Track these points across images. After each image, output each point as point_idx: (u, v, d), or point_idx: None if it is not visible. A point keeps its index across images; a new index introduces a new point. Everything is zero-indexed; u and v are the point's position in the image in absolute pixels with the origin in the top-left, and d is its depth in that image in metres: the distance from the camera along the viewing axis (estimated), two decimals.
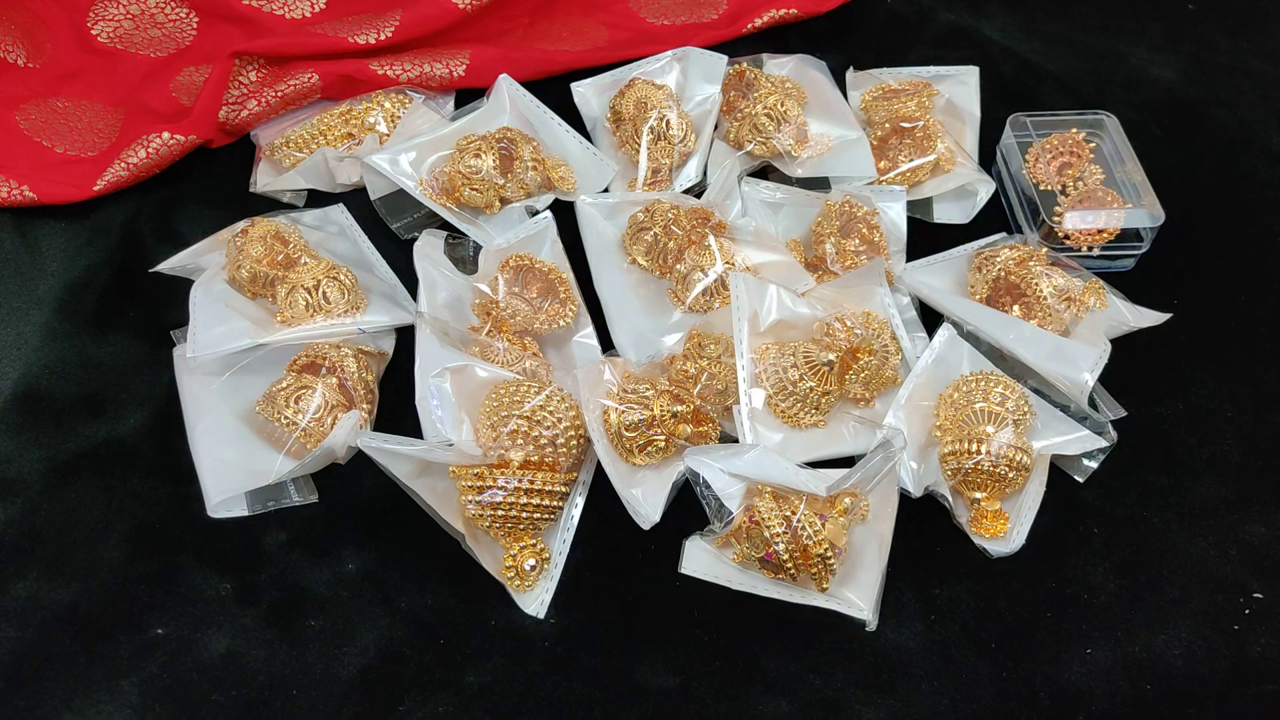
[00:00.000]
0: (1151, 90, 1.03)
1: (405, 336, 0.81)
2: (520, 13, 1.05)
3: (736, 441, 0.73)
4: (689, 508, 0.72)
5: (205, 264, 0.83)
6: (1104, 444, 0.74)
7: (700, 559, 0.70)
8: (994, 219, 0.91)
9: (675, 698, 0.65)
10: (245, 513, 0.72)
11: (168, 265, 0.84)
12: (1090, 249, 0.85)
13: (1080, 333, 0.79)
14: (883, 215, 0.85)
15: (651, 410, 0.70)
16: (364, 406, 0.75)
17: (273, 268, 0.78)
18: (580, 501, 0.72)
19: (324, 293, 0.77)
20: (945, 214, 0.91)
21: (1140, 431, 0.77)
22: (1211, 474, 0.76)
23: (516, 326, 0.78)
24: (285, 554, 0.71)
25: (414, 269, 0.80)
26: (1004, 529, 0.71)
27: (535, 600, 0.68)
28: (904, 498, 0.72)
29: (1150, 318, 0.81)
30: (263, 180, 0.91)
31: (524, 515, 0.68)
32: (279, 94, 0.92)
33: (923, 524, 0.72)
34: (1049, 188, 0.87)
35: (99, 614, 0.67)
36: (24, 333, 0.82)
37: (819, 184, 0.89)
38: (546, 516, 0.69)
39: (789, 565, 0.66)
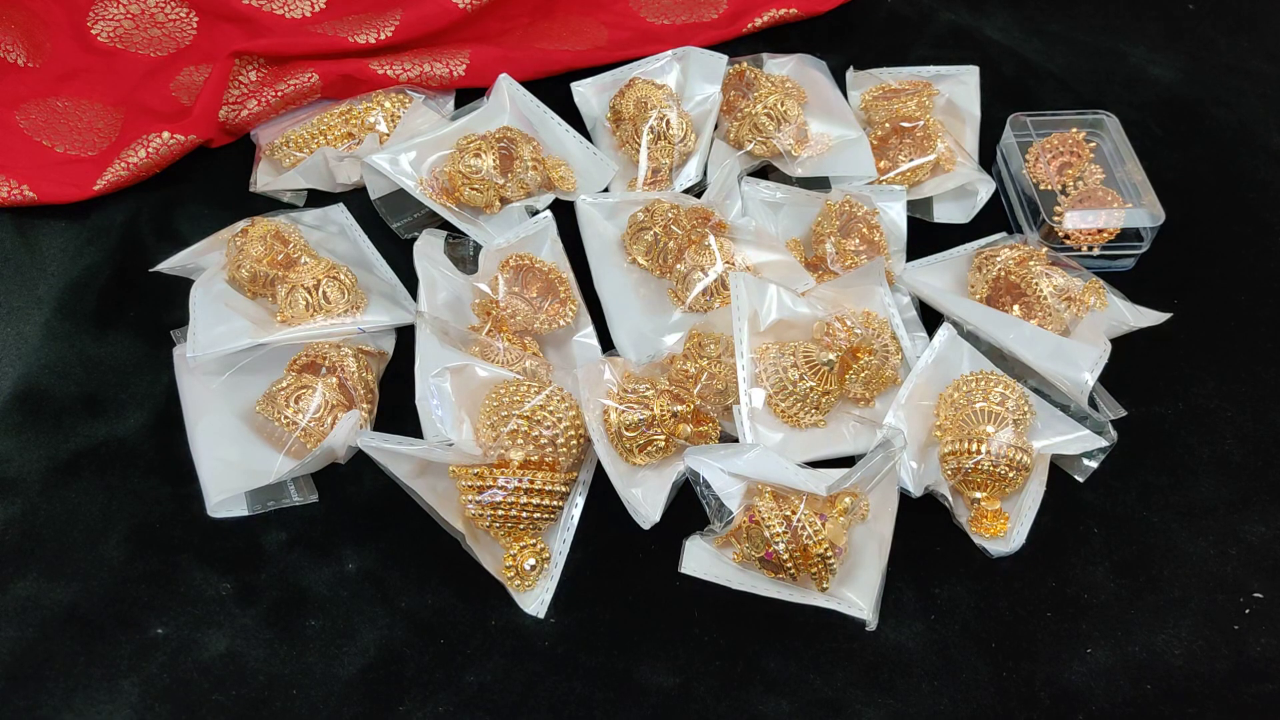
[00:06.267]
0: (1151, 90, 1.03)
1: (405, 336, 0.81)
2: (520, 13, 1.05)
3: (736, 441, 0.73)
4: (689, 508, 0.72)
5: (205, 264, 0.83)
6: (1104, 444, 0.74)
7: (700, 559, 0.70)
8: (994, 219, 0.91)
9: (675, 698, 0.65)
10: (245, 513, 0.72)
11: (168, 265, 0.84)
12: (1090, 249, 0.85)
13: (1080, 333, 0.79)
14: (883, 215, 0.85)
15: (651, 410, 0.70)
16: (364, 406, 0.75)
17: (273, 267, 0.78)
18: (580, 501, 0.72)
19: (324, 292, 0.77)
20: (945, 214, 0.91)
21: (1140, 431, 0.77)
22: (1211, 474, 0.76)
23: (516, 326, 0.78)
24: (285, 554, 0.71)
25: (414, 269, 0.80)
26: (1004, 529, 0.71)
27: (535, 600, 0.68)
28: (904, 498, 0.72)
29: (1150, 318, 0.81)
30: (263, 180, 0.91)
31: (524, 515, 0.68)
32: (279, 94, 0.92)
33: (923, 524, 0.72)
34: (1049, 187, 0.87)
35: (99, 614, 0.67)
36: (24, 333, 0.82)
37: (819, 184, 0.89)
38: (546, 516, 0.69)
39: (789, 565, 0.66)
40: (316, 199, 0.91)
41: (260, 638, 0.67)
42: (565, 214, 0.87)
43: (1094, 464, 0.75)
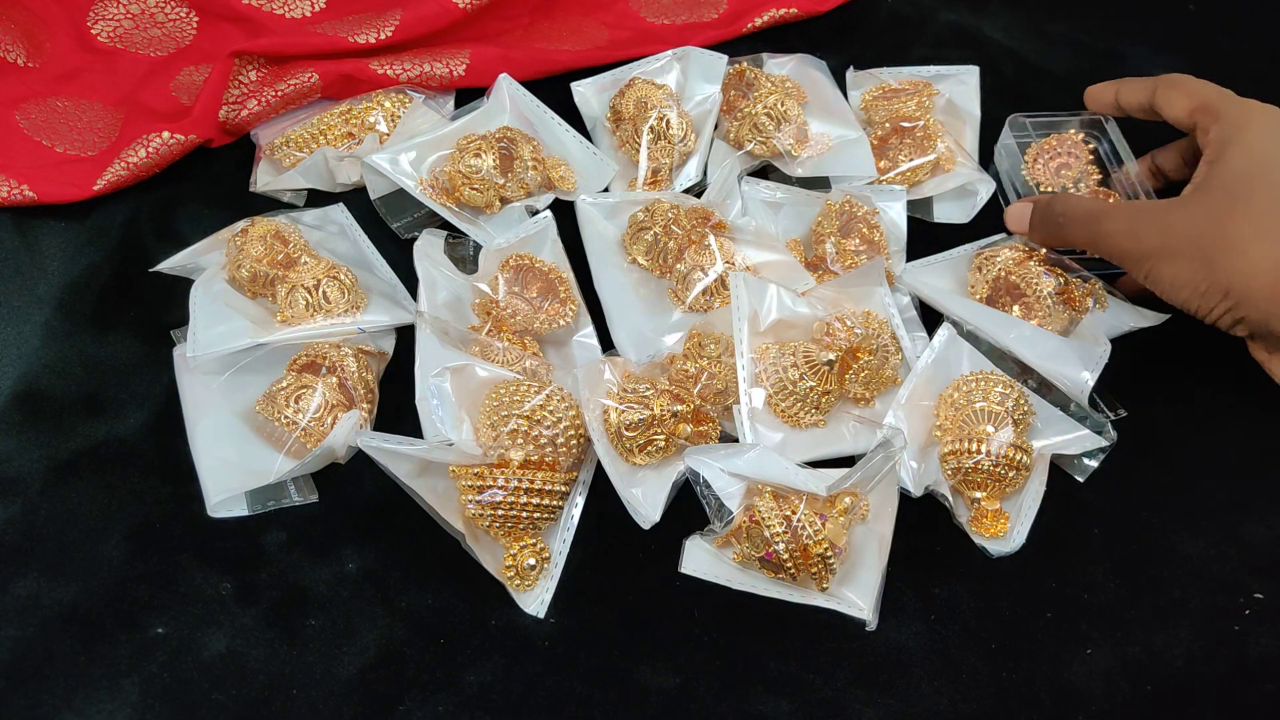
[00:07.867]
0: None
1: (405, 336, 0.81)
2: (520, 13, 1.04)
3: (736, 441, 0.74)
4: (689, 508, 0.72)
5: (205, 264, 0.83)
6: (1104, 444, 0.74)
7: (700, 559, 0.70)
8: (994, 219, 0.90)
9: (675, 698, 0.65)
10: (245, 512, 0.72)
11: (168, 265, 0.84)
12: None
13: (1080, 333, 0.79)
14: (883, 215, 0.85)
15: (651, 410, 0.70)
16: (364, 406, 0.75)
17: (273, 267, 0.78)
18: (580, 501, 0.72)
19: (324, 292, 0.77)
20: (945, 214, 0.91)
21: (1140, 431, 0.77)
22: (1211, 474, 0.76)
23: (516, 326, 0.78)
24: (285, 554, 0.71)
25: (414, 269, 0.80)
26: (1004, 529, 0.71)
27: (535, 600, 0.68)
28: (904, 498, 0.72)
29: (1150, 318, 0.81)
30: (263, 180, 0.91)
31: (524, 515, 0.68)
32: (279, 94, 0.92)
33: (923, 524, 0.72)
34: (1048, 188, 0.86)
35: (99, 614, 0.68)
36: (24, 332, 0.82)
37: (819, 184, 0.89)
38: (546, 516, 0.69)
39: (789, 565, 0.66)
40: (316, 199, 0.91)
41: (260, 637, 0.67)
42: (565, 214, 0.87)
43: (1094, 464, 0.75)
